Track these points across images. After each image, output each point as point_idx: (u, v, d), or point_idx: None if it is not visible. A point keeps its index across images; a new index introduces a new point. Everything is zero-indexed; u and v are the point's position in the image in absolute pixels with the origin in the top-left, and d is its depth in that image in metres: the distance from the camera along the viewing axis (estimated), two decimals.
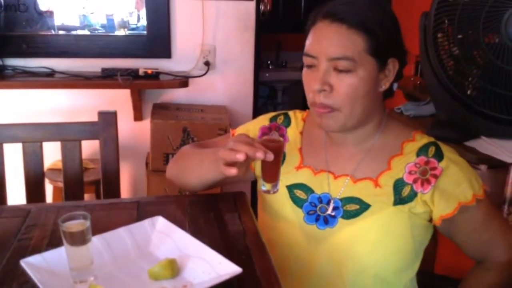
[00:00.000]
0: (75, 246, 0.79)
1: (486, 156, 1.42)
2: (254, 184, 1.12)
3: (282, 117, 1.11)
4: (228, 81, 2.41)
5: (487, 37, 1.47)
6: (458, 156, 0.97)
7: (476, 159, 1.43)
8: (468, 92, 1.53)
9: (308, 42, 0.94)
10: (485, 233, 0.98)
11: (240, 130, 1.13)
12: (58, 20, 2.36)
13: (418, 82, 2.05)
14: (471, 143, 1.49)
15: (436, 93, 1.60)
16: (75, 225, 0.79)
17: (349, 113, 0.92)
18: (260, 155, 0.85)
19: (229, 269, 0.80)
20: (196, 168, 1.04)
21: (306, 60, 0.94)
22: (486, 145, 1.46)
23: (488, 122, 1.50)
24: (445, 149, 0.96)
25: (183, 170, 1.10)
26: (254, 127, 1.12)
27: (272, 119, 1.11)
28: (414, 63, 2.07)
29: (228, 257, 0.83)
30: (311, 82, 0.92)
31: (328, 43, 0.90)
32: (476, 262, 1.03)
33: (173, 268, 0.82)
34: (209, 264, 0.82)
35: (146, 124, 2.27)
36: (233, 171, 0.87)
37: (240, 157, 0.85)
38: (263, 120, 1.12)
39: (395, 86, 0.99)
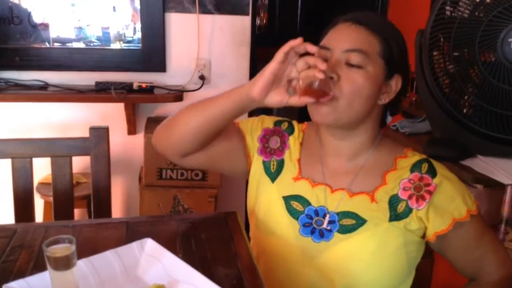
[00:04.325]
0: (59, 271, 0.76)
1: (483, 175, 1.40)
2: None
3: (286, 124, 1.10)
4: None
5: (483, 56, 1.46)
6: (450, 173, 0.98)
7: (472, 178, 1.41)
8: (464, 110, 1.52)
9: (324, 38, 0.97)
10: (477, 249, 0.99)
11: (243, 123, 1.11)
12: (53, 33, 2.34)
13: (414, 99, 2.05)
14: (467, 162, 1.47)
15: (431, 111, 1.59)
16: (60, 249, 0.76)
17: (346, 107, 0.91)
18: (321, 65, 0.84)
19: None
20: (214, 104, 0.96)
21: (319, 54, 0.94)
22: (482, 165, 1.44)
23: (484, 140, 1.49)
24: (437, 165, 0.98)
25: (189, 115, 1.00)
26: (257, 124, 1.10)
27: (277, 123, 1.10)
28: (410, 79, 2.06)
29: (218, 282, 0.81)
30: None
31: (345, 38, 0.93)
32: (468, 279, 1.02)
33: None
34: None
35: (139, 138, 2.24)
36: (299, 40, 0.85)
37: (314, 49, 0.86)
38: (268, 121, 1.11)
39: (389, 119, 1.03)
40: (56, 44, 2.36)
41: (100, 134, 1.42)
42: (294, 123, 1.11)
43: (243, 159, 1.09)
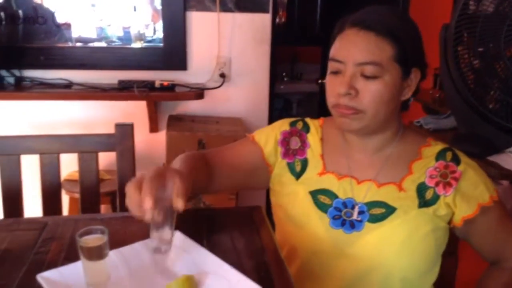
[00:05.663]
0: (92, 261, 0.78)
1: (509, 171, 1.39)
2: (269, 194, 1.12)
3: (301, 123, 1.11)
4: (244, 93, 2.40)
5: (508, 50, 1.45)
6: (472, 161, 1.01)
7: (498, 174, 1.39)
8: (490, 105, 1.51)
9: (334, 48, 0.96)
10: (500, 233, 1.02)
11: (258, 134, 1.13)
12: (75, 32, 2.39)
13: (437, 95, 2.03)
14: (494, 158, 1.45)
15: (457, 106, 1.58)
16: (93, 239, 0.78)
17: (373, 116, 0.94)
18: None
19: (248, 287, 0.78)
20: None
21: (332, 66, 0.96)
22: (510, 160, 1.42)
23: (510, 136, 1.47)
24: (460, 154, 1.01)
25: None
26: (273, 131, 1.12)
27: (292, 124, 1.11)
28: (433, 75, 2.04)
29: (246, 274, 0.82)
30: (336, 87, 0.94)
31: (356, 49, 0.92)
32: (489, 264, 1.06)
33: (191, 285, 0.80)
34: (227, 281, 0.80)
35: (161, 136, 2.26)
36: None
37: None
38: (283, 124, 1.12)
39: (410, 100, 1.02)
40: (78, 44, 2.40)
41: (125, 131, 1.44)
42: (308, 120, 1.12)
43: (265, 171, 1.10)
